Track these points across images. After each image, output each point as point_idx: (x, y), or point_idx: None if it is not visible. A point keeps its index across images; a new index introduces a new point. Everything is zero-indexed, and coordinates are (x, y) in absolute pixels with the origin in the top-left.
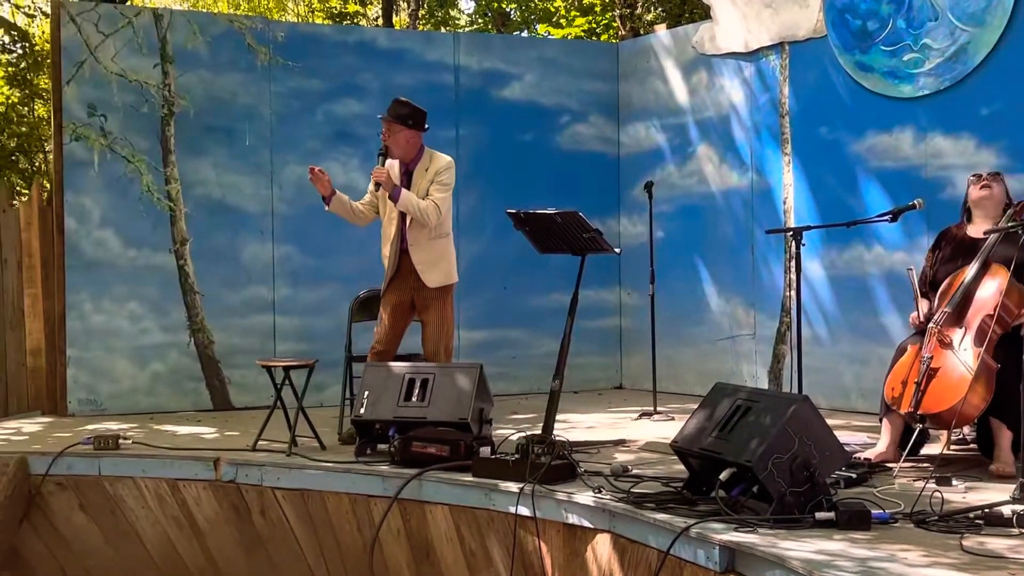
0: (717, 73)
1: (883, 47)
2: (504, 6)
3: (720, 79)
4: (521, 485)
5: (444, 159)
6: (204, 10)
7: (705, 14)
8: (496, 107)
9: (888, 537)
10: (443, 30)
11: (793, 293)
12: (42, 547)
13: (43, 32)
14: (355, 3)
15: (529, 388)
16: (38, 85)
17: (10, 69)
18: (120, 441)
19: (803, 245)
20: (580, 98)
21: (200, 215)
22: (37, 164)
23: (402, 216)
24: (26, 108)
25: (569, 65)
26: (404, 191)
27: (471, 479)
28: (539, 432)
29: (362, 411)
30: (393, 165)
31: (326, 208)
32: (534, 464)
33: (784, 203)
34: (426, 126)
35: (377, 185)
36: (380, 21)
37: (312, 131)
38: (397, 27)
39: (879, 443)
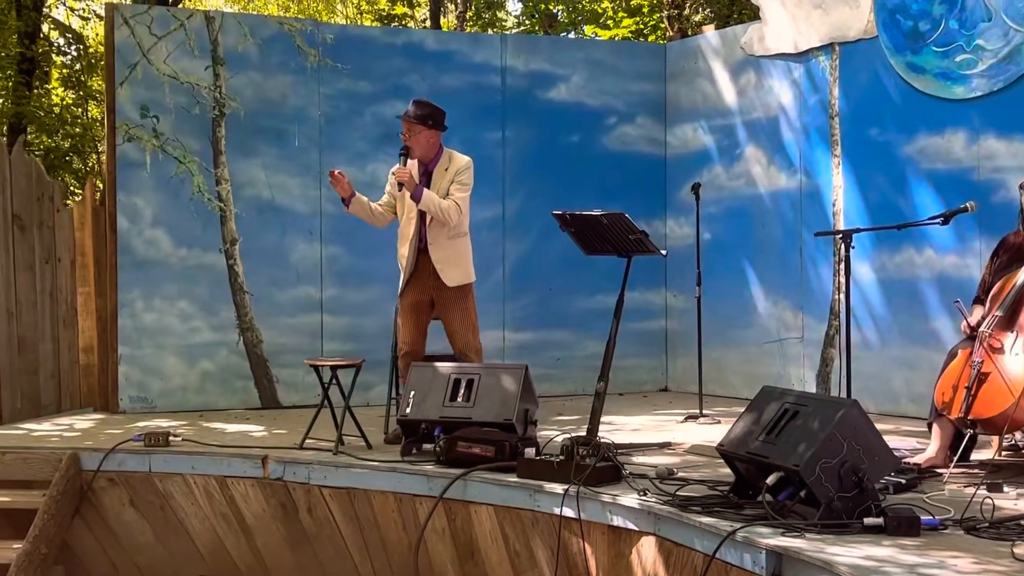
0: (766, 74)
1: (935, 48)
2: (551, 7)
3: (769, 80)
4: (566, 487)
5: (463, 159)
6: (255, 12)
7: (754, 15)
8: (543, 108)
9: (937, 544)
10: (490, 32)
11: (842, 296)
12: (93, 542)
13: (97, 35)
14: (403, 5)
15: (574, 390)
16: (92, 87)
17: (65, 71)
18: (170, 438)
19: (852, 248)
20: (627, 99)
21: (250, 215)
22: (90, 164)
23: (421, 215)
24: (80, 109)
25: (616, 66)
26: (426, 191)
27: (516, 480)
28: (584, 434)
29: (408, 411)
30: (412, 165)
31: (345, 210)
32: (579, 466)
33: (833, 205)
34: (445, 125)
35: (400, 185)
36: (428, 23)
37: (360, 132)
38: (444, 29)
39: (929, 448)
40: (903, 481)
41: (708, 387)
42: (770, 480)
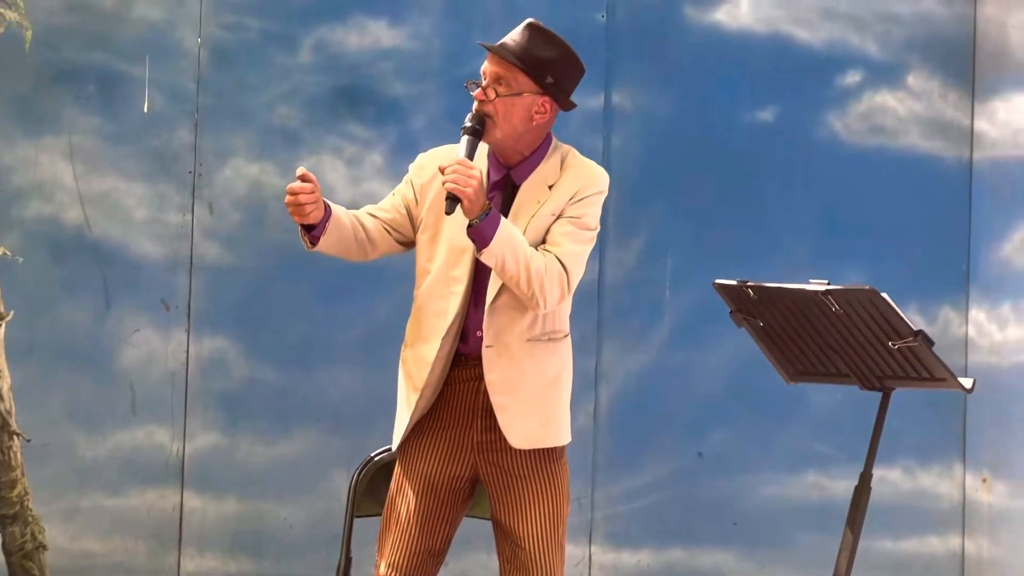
0: None
1: None
2: None
3: None
4: None
5: (593, 170)
6: None
7: None
8: (695, 48)
9: None
10: None
11: None
12: None
13: None
14: None
15: None
16: None
17: None
18: None
19: None
20: (886, 33)
21: (34, 260)
22: None
23: (479, 278)
24: None
25: None
26: (504, 223)
27: None
28: None
29: None
30: (480, 159)
31: (309, 247)
32: None
33: None
34: (572, 101)
35: (453, 201)
36: None
37: (287, 84)
38: None
39: None
40: None
41: None
42: None
